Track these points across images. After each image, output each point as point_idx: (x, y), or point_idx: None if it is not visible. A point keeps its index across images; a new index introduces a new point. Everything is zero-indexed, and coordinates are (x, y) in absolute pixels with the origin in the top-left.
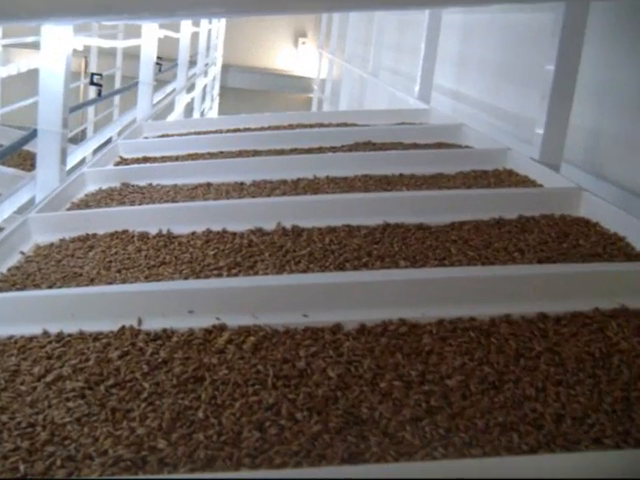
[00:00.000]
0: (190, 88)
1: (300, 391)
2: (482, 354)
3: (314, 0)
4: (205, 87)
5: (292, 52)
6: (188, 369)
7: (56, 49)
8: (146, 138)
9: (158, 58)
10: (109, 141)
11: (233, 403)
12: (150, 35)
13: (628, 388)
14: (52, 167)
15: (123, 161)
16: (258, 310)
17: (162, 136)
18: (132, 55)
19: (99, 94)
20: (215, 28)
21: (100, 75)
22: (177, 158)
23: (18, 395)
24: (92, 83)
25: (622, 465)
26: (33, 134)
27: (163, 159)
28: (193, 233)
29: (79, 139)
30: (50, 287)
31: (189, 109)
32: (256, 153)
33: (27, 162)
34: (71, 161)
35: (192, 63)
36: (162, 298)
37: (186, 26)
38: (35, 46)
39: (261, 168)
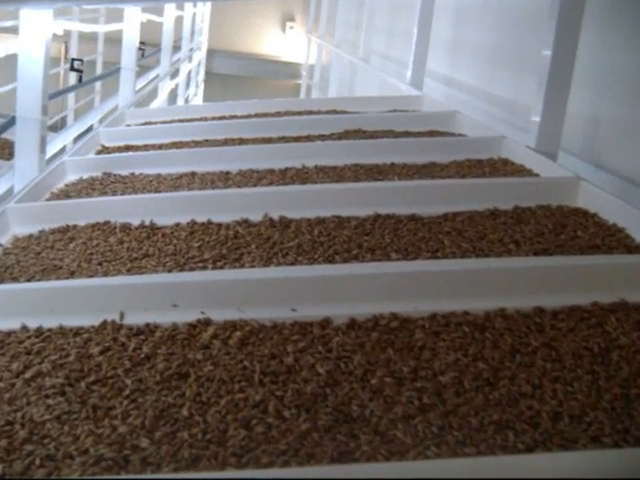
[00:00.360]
0: (174, 74)
1: (288, 388)
2: (476, 350)
3: None
4: (189, 73)
5: (280, 37)
6: (172, 365)
7: (35, 34)
8: (128, 126)
9: (141, 43)
10: (90, 129)
11: (218, 400)
12: (132, 19)
13: (627, 385)
14: (31, 156)
15: (105, 150)
16: (244, 304)
17: (145, 124)
18: (114, 40)
19: (80, 80)
20: (200, 12)
21: (81, 61)
22: (160, 146)
23: None
24: (72, 69)
25: (621, 464)
26: (11, 122)
27: (146, 147)
28: (177, 224)
29: (59, 127)
30: (29, 280)
31: (173, 96)
32: (242, 141)
33: (5, 151)
34: (51, 150)
35: (176, 48)
36: (145, 291)
37: (170, 10)
38: (14, 30)
39: (247, 157)
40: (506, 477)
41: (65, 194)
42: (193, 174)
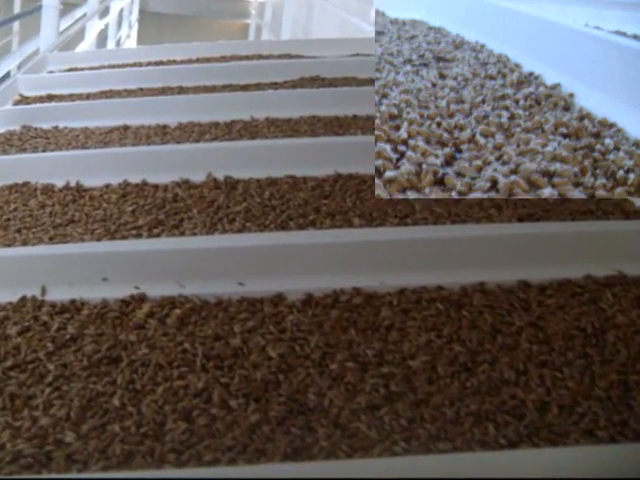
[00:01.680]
0: (104, 13)
1: (235, 374)
2: (452, 330)
3: None
4: (121, 12)
5: None
6: (101, 348)
7: None
8: (51, 72)
9: None
10: (7, 76)
11: (155, 388)
12: None
13: (625, 370)
14: None
15: (24, 99)
16: (184, 278)
17: (70, 70)
18: None
19: None
20: None
21: None
22: (88, 96)
23: None
24: None
25: (618, 461)
26: None
27: (71, 97)
28: (107, 186)
29: None
30: None
31: (102, 38)
32: (182, 90)
33: None
34: None
35: None
36: (70, 263)
37: None
38: None
39: (188, 108)
40: (486, 476)
41: None
42: (126, 128)
